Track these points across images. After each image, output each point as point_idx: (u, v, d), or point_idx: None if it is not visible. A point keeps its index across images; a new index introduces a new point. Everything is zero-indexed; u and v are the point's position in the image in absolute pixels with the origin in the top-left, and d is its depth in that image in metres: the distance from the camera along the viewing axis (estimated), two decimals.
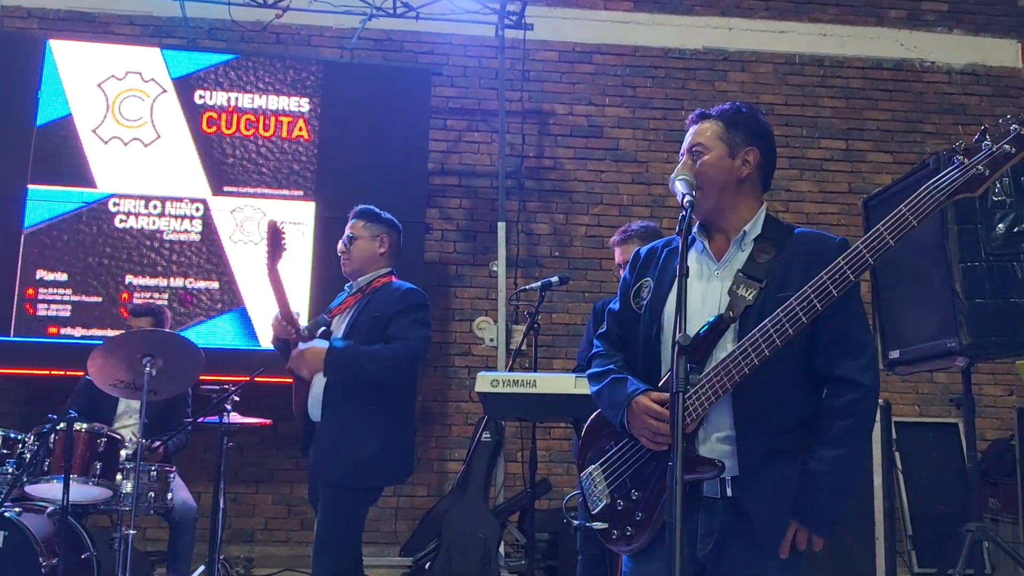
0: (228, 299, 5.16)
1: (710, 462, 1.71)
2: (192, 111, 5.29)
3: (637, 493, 1.82)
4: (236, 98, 5.35)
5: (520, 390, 3.05)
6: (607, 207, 5.92)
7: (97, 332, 4.95)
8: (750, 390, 1.71)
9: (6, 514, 3.13)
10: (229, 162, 5.28)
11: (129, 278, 5.09)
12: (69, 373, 4.68)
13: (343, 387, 2.86)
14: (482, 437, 4.61)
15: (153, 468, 3.65)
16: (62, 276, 5.03)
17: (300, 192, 5.31)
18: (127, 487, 3.48)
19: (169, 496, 3.75)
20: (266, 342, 4.80)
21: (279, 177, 5.29)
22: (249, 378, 3.41)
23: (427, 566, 4.30)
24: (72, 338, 4.97)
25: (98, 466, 3.36)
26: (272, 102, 5.38)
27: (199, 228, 5.20)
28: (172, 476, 3.81)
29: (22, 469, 3.27)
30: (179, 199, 5.20)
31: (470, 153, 5.92)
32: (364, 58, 5.74)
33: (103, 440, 3.41)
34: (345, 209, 3.24)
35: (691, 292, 1.76)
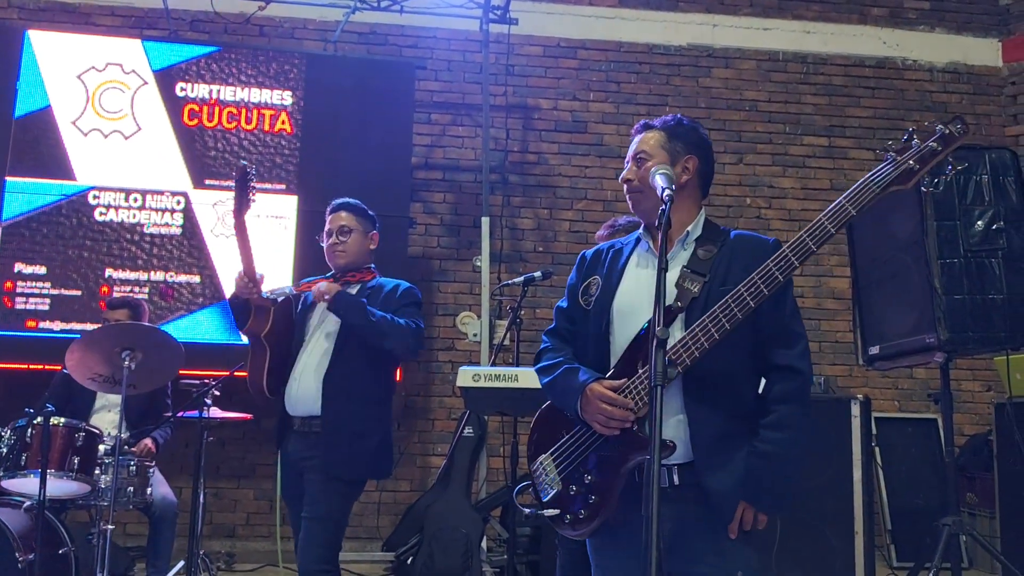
0: (209, 293, 5.12)
1: (662, 443, 1.78)
2: (173, 103, 5.24)
3: (590, 477, 1.90)
4: (218, 91, 5.31)
5: (502, 384, 3.05)
6: (591, 202, 5.92)
7: (76, 326, 4.90)
8: (700, 377, 1.83)
9: None
10: (211, 155, 5.24)
11: (109, 271, 5.05)
12: (48, 367, 4.64)
13: (343, 374, 2.84)
14: (464, 432, 4.61)
15: (133, 463, 3.63)
16: (41, 269, 4.98)
17: (283, 186, 5.28)
18: (105, 481, 3.45)
19: (149, 491, 3.73)
20: None
21: (261, 171, 5.25)
22: (229, 372, 3.39)
23: (409, 561, 4.30)
24: (51, 332, 4.92)
25: (76, 460, 3.33)
26: (254, 95, 5.35)
27: (180, 222, 5.16)
28: (152, 471, 3.79)
29: None
30: (160, 192, 5.16)
31: (454, 147, 5.91)
32: (348, 51, 5.71)
33: (81, 434, 3.38)
34: (327, 203, 3.21)
35: (638, 285, 1.94)
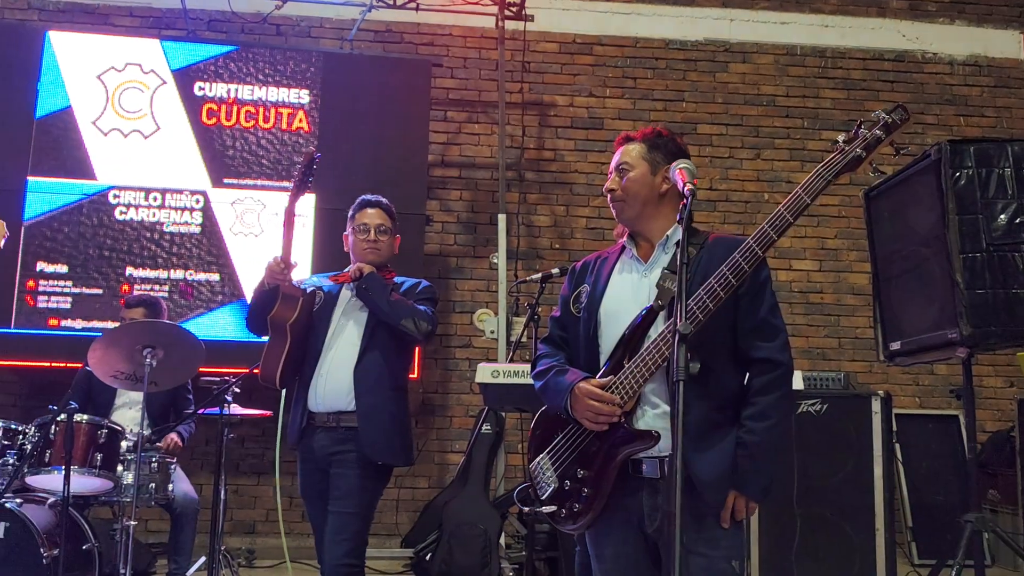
0: (229, 291, 5.16)
1: (646, 433, 1.89)
2: (192, 103, 5.28)
3: (583, 471, 1.98)
4: (236, 90, 5.34)
5: (520, 381, 3.05)
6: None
7: (97, 324, 4.95)
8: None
9: (7, 505, 3.13)
10: (229, 154, 5.27)
11: (129, 270, 5.09)
12: (70, 365, 4.70)
13: (371, 365, 2.88)
14: (482, 429, 4.61)
15: (154, 459, 3.66)
16: (62, 268, 5.03)
17: None
18: (128, 478, 3.49)
19: (170, 487, 3.77)
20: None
21: (279, 169, 5.29)
22: (249, 369, 3.41)
23: (428, 557, 4.31)
24: (73, 330, 4.97)
25: (99, 457, 3.37)
26: (272, 94, 5.37)
27: (199, 220, 5.19)
28: (173, 467, 3.82)
29: (23, 460, 3.27)
30: (179, 191, 5.20)
31: (470, 145, 5.92)
32: (364, 49, 5.72)
33: (104, 431, 3.42)
34: (345, 201, 3.22)
35: (622, 288, 2.06)
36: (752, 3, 6.20)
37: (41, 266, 5.01)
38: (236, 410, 3.58)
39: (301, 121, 5.37)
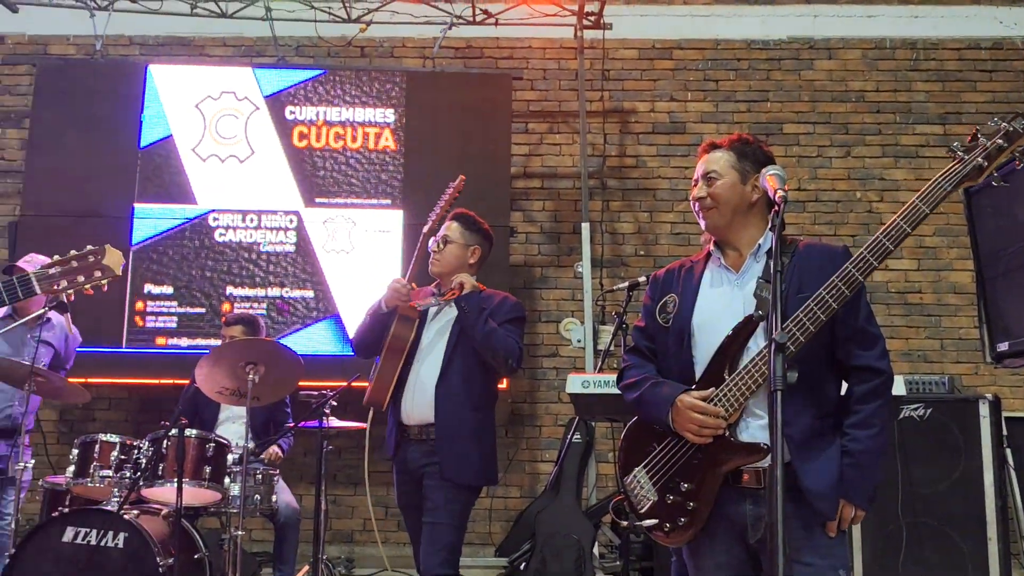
0: (323, 307, 5.32)
1: (754, 445, 1.89)
2: (283, 126, 5.48)
3: (687, 485, 1.96)
4: (324, 112, 5.52)
5: (611, 391, 3.05)
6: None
7: (201, 342, 5.18)
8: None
9: (126, 517, 3.30)
10: (320, 174, 5.45)
11: (229, 289, 5.31)
12: (177, 382, 4.92)
13: (453, 382, 2.91)
14: (573, 438, 4.62)
15: (259, 471, 3.80)
16: (168, 289, 5.29)
17: (388, 201, 5.43)
18: (235, 489, 3.63)
19: (274, 498, 3.91)
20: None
21: (367, 187, 5.44)
22: (347, 383, 3.51)
23: (522, 567, 4.35)
24: (178, 348, 5.22)
25: (207, 470, 3.52)
26: (359, 114, 5.53)
27: (293, 239, 5.38)
28: (276, 479, 3.96)
29: (139, 474, 3.45)
30: (274, 212, 5.40)
31: (552, 155, 5.95)
32: (446, 66, 5.83)
33: (211, 445, 3.58)
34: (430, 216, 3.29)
35: (714, 299, 2.05)
36: None
37: (148, 288, 5.28)
38: (334, 423, 3.68)
39: (387, 139, 5.51)
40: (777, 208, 1.83)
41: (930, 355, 5.64)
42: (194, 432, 3.56)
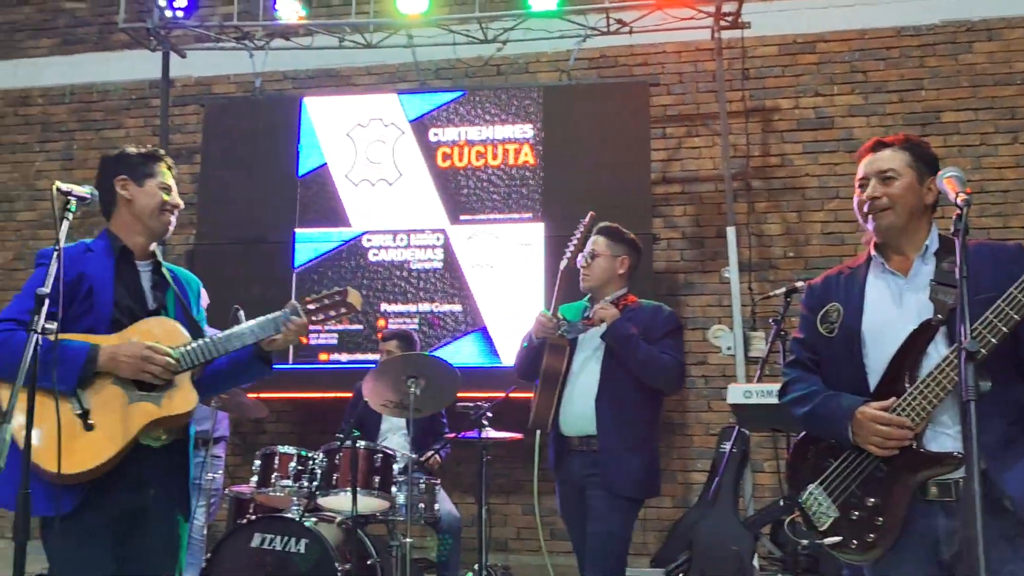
0: (470, 320, 5.47)
1: (946, 456, 1.82)
2: (428, 149, 5.69)
3: (873, 500, 1.90)
4: (465, 132, 5.69)
5: (773, 400, 2.98)
6: (844, 201, 5.61)
7: (359, 356, 5.44)
8: None
9: (306, 524, 3.52)
10: (463, 193, 5.62)
11: (384, 306, 5.56)
12: (339, 395, 5.18)
13: (612, 396, 2.95)
14: (728, 448, 4.53)
15: (422, 480, 3.96)
16: None
17: (529, 215, 5.53)
18: (401, 498, 3.79)
19: (436, 507, 4.05)
20: (508, 359, 5.03)
21: (509, 202, 5.55)
22: (505, 394, 3.61)
23: None
24: (339, 363, 5.50)
25: (376, 479, 3.70)
26: (498, 131, 5.66)
27: (441, 256, 5.57)
28: (438, 488, 4.11)
29: (315, 483, 3.67)
30: (421, 231, 5.61)
31: (691, 159, 5.88)
32: (581, 78, 5.88)
33: (379, 456, 3.76)
34: (571, 228, 3.34)
35: (884, 304, 1.98)
36: None
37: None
38: (491, 433, 3.79)
39: (527, 155, 5.61)
40: (959, 212, 1.78)
41: None
42: (364, 444, 3.74)
